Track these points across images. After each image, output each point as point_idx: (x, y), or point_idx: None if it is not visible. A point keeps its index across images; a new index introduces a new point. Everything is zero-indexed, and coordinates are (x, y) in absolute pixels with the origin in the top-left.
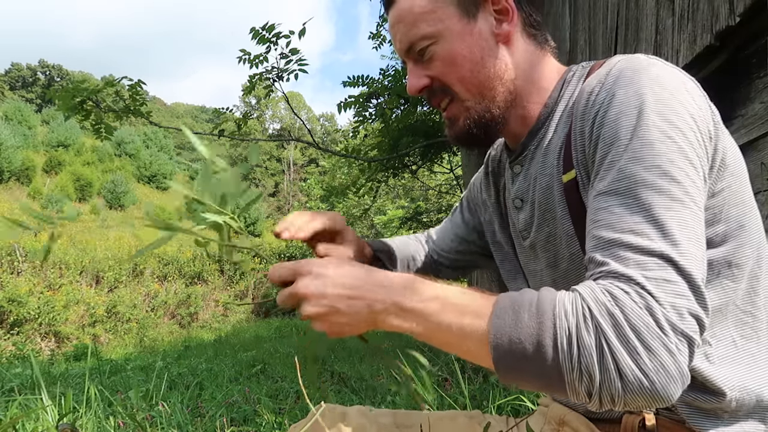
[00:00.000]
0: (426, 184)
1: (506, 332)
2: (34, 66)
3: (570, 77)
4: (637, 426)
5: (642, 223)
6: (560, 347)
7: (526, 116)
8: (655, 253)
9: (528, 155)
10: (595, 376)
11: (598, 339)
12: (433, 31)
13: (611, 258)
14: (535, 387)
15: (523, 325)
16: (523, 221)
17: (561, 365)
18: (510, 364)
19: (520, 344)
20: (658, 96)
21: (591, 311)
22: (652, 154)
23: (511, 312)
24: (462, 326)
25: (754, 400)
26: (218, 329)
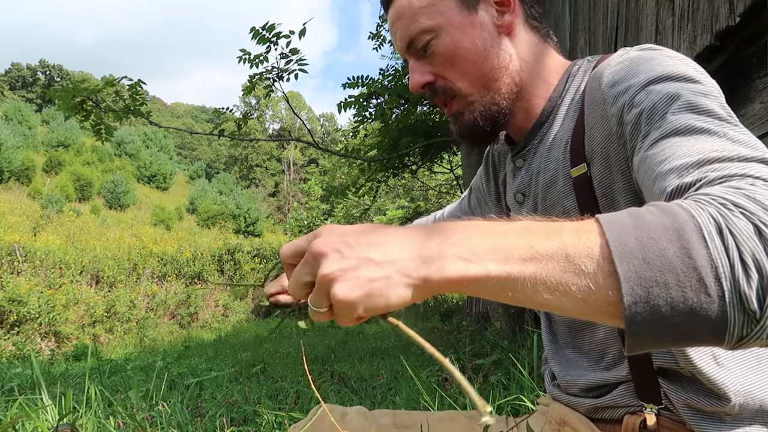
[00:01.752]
0: (426, 184)
1: (631, 234)
2: (34, 66)
3: (575, 71)
4: (638, 426)
5: (723, 143)
6: (708, 237)
7: (530, 109)
8: (751, 159)
9: (531, 149)
10: (765, 267)
11: (753, 223)
12: (433, 24)
13: (708, 172)
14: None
15: (650, 223)
16: (525, 216)
17: (716, 262)
18: (647, 276)
19: (656, 244)
20: (686, 65)
21: (731, 200)
22: (703, 101)
23: (627, 216)
24: (564, 247)
25: (758, 404)
26: (218, 329)
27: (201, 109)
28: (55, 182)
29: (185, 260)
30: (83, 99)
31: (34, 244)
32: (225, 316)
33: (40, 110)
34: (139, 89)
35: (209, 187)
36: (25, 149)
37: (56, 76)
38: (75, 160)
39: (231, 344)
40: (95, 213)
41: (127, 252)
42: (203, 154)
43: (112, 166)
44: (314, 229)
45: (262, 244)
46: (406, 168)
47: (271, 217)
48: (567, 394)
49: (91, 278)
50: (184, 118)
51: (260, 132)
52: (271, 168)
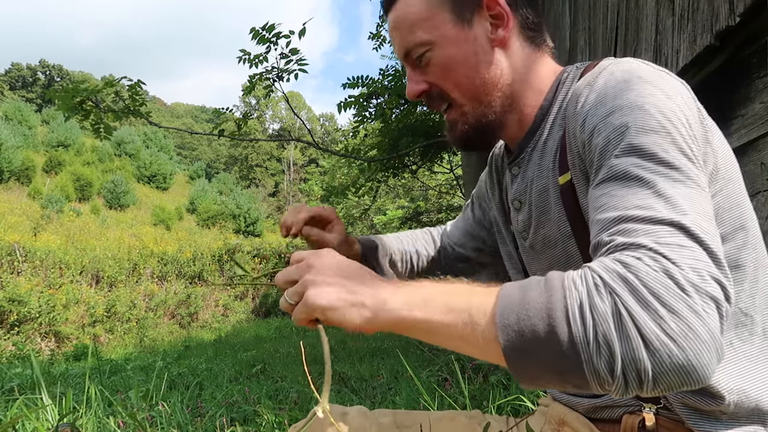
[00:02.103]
0: (426, 184)
1: (514, 310)
2: (34, 66)
3: (564, 78)
4: (636, 426)
5: (647, 198)
6: (572, 318)
7: (523, 119)
8: (665, 221)
9: (525, 157)
10: (614, 346)
11: (613, 304)
12: (428, 38)
13: (617, 234)
14: (551, 375)
15: (531, 301)
16: (522, 222)
17: (575, 338)
18: (520, 346)
19: (529, 321)
20: (650, 96)
21: (602, 278)
22: (649, 144)
23: (517, 291)
24: (470, 308)
25: (753, 403)
26: (218, 329)
27: (201, 109)
28: (55, 182)
29: (185, 260)
30: (83, 99)
31: (34, 244)
32: (225, 316)
33: (40, 110)
34: (138, 89)
35: (209, 187)
36: (25, 149)
37: (56, 76)
38: (75, 160)
39: (231, 344)
40: (95, 213)
41: (127, 252)
42: (203, 154)
43: (112, 166)
44: None
45: (262, 244)
46: (406, 168)
47: (271, 217)
48: (566, 394)
49: (91, 278)
50: (184, 118)
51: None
52: (271, 168)
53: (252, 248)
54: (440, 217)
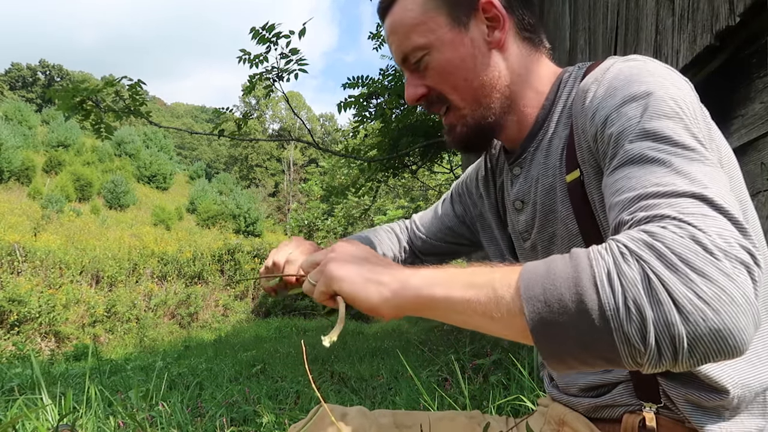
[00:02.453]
0: (426, 184)
1: (539, 282)
2: (34, 66)
3: (566, 78)
4: (637, 425)
5: (666, 176)
6: (600, 285)
7: (523, 120)
8: (686, 194)
9: (528, 157)
10: (645, 311)
11: (641, 270)
12: (425, 42)
13: (638, 211)
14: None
15: (557, 272)
16: (524, 223)
17: (604, 305)
18: (547, 318)
19: (555, 291)
20: (661, 85)
21: (628, 247)
22: (662, 128)
23: (542, 265)
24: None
25: (755, 396)
26: (218, 329)
27: (201, 109)
28: (55, 182)
29: (185, 260)
30: (83, 99)
31: (35, 244)
32: (225, 316)
33: (40, 110)
34: (139, 89)
35: (209, 187)
36: (25, 149)
37: (56, 76)
38: (75, 160)
39: (231, 344)
40: (95, 213)
41: (127, 252)
42: (203, 154)
43: (112, 166)
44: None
45: (262, 244)
46: (406, 168)
47: (271, 217)
48: (566, 394)
49: (91, 278)
50: (184, 118)
51: (260, 132)
52: (271, 168)
53: (252, 248)
54: None
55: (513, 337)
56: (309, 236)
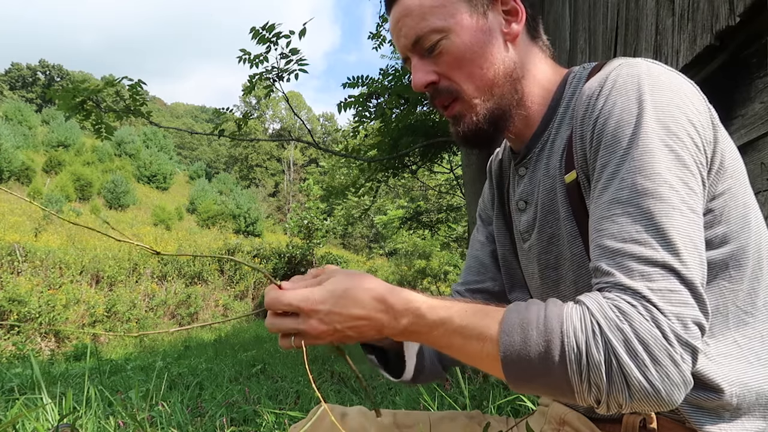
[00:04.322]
0: (426, 184)
1: (515, 350)
2: (34, 66)
3: (571, 79)
4: (637, 426)
5: (644, 232)
6: (569, 363)
7: (530, 117)
8: (658, 263)
9: (533, 157)
10: (603, 389)
11: (607, 355)
12: (443, 25)
13: (617, 268)
14: (545, 394)
15: (531, 343)
16: (525, 223)
17: (570, 379)
18: (520, 378)
19: (530, 362)
20: (656, 103)
21: (600, 327)
22: (652, 162)
23: (519, 329)
24: (472, 348)
25: (755, 397)
26: (218, 329)
27: (201, 109)
28: (55, 182)
29: (185, 260)
30: (84, 99)
31: (35, 244)
32: (225, 316)
33: (40, 110)
34: (139, 89)
35: (209, 187)
36: (25, 149)
37: (56, 76)
38: (75, 160)
39: (231, 344)
40: (95, 213)
41: (127, 252)
42: (203, 154)
43: (112, 166)
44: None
45: (262, 244)
46: (406, 168)
47: (271, 217)
48: None
49: (91, 278)
50: (184, 118)
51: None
52: (271, 168)
53: (252, 248)
54: (440, 217)
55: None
56: (308, 236)
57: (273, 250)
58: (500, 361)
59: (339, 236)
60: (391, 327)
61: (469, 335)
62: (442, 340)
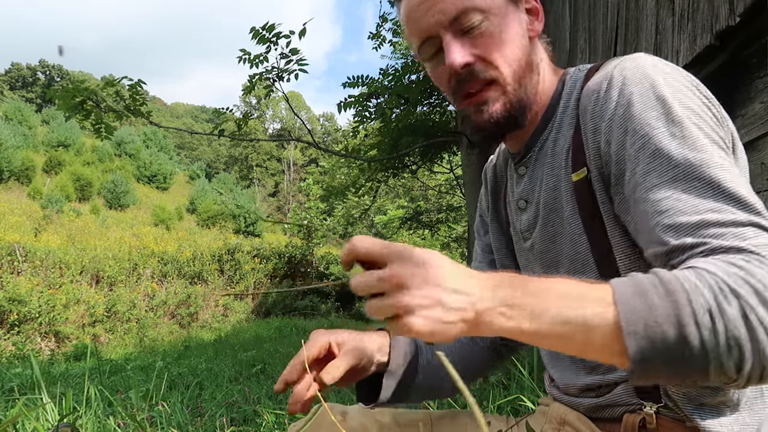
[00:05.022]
0: (426, 184)
1: (641, 317)
2: (34, 66)
3: (568, 79)
4: (637, 425)
5: (716, 201)
6: (702, 324)
7: (534, 113)
8: (745, 224)
9: (533, 157)
10: (745, 348)
11: (741, 309)
12: (486, 5)
13: (706, 238)
14: (674, 376)
15: (656, 307)
16: (526, 222)
17: (706, 343)
18: (649, 352)
19: (659, 327)
20: (672, 88)
21: (726, 282)
22: (693, 136)
23: (637, 297)
24: (585, 318)
25: (757, 393)
26: (218, 329)
27: (201, 109)
28: (55, 182)
29: (185, 260)
30: (84, 99)
31: (35, 244)
32: (225, 316)
33: (40, 110)
34: (139, 89)
35: (209, 187)
36: (25, 149)
37: (56, 76)
38: (75, 160)
39: (231, 344)
40: (95, 213)
41: (127, 252)
42: (203, 154)
43: (112, 166)
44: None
45: (262, 244)
46: (406, 168)
47: (271, 217)
48: (567, 394)
49: (91, 278)
50: (184, 118)
51: (260, 132)
52: (271, 168)
53: (252, 248)
54: (440, 217)
55: (603, 361)
56: (308, 236)
57: (273, 250)
58: (623, 333)
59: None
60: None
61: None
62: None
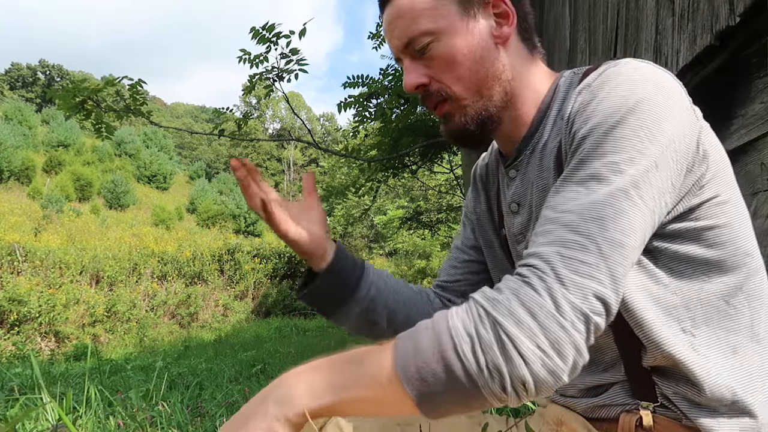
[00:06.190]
0: (426, 184)
1: (410, 362)
2: (34, 66)
3: (562, 82)
4: (634, 425)
5: (582, 206)
6: (463, 355)
7: (520, 118)
8: (583, 233)
9: (524, 159)
10: (503, 369)
11: (496, 332)
12: (434, 27)
13: (541, 235)
14: (458, 406)
15: (423, 348)
16: (519, 225)
17: (470, 372)
18: (425, 392)
19: (428, 367)
20: (637, 98)
21: (485, 309)
22: (615, 150)
23: (410, 342)
24: (371, 375)
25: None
26: (218, 329)
27: (201, 109)
28: (55, 182)
29: (185, 260)
30: (84, 99)
31: (35, 244)
32: (225, 316)
33: (40, 110)
34: (139, 89)
35: (209, 187)
36: (25, 149)
37: (56, 76)
38: (75, 160)
39: (231, 344)
40: (95, 213)
41: (127, 252)
42: (203, 154)
43: (112, 166)
44: None
45: (262, 244)
46: (406, 168)
47: None
48: (563, 395)
49: (91, 278)
50: (184, 118)
51: (260, 132)
52: (271, 168)
53: (252, 248)
54: (440, 217)
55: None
56: None
57: (273, 250)
58: (399, 379)
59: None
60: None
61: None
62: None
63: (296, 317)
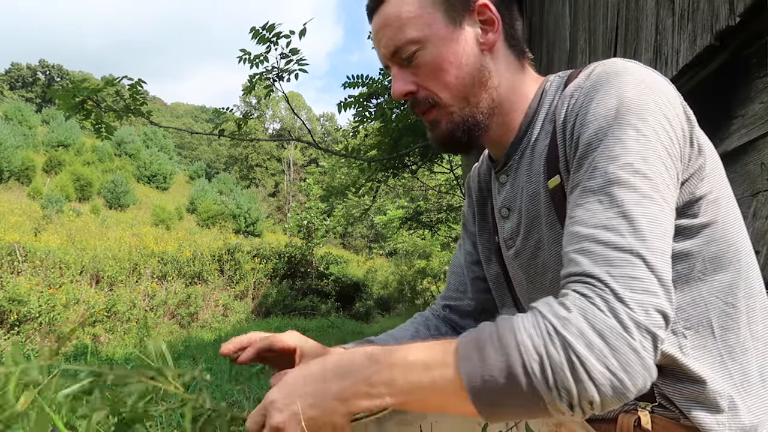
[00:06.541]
0: (426, 184)
1: (477, 373)
2: (34, 66)
3: (548, 87)
4: (632, 425)
5: (614, 218)
6: (532, 373)
7: (508, 123)
8: (625, 249)
9: (513, 165)
10: (572, 390)
11: (567, 354)
12: (420, 36)
13: (581, 254)
14: (519, 415)
15: (491, 361)
16: (509, 230)
17: (538, 389)
18: (490, 401)
19: (494, 380)
20: (633, 97)
21: (554, 327)
22: (626, 152)
23: (476, 352)
24: (433, 381)
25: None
26: (218, 329)
27: (201, 109)
28: (55, 182)
29: (185, 260)
30: (84, 99)
31: (35, 244)
32: (225, 316)
33: (40, 110)
34: (139, 89)
35: (209, 187)
36: (25, 149)
37: (56, 76)
38: (75, 160)
39: None
40: (95, 213)
41: (127, 252)
42: (203, 154)
43: (112, 166)
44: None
45: (262, 244)
46: (406, 168)
47: (271, 217)
48: None
49: (91, 278)
50: (184, 118)
51: (260, 132)
52: (271, 168)
53: (252, 248)
54: (440, 217)
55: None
56: (308, 236)
57: (273, 250)
58: (465, 388)
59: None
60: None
61: (426, 366)
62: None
63: (296, 317)
